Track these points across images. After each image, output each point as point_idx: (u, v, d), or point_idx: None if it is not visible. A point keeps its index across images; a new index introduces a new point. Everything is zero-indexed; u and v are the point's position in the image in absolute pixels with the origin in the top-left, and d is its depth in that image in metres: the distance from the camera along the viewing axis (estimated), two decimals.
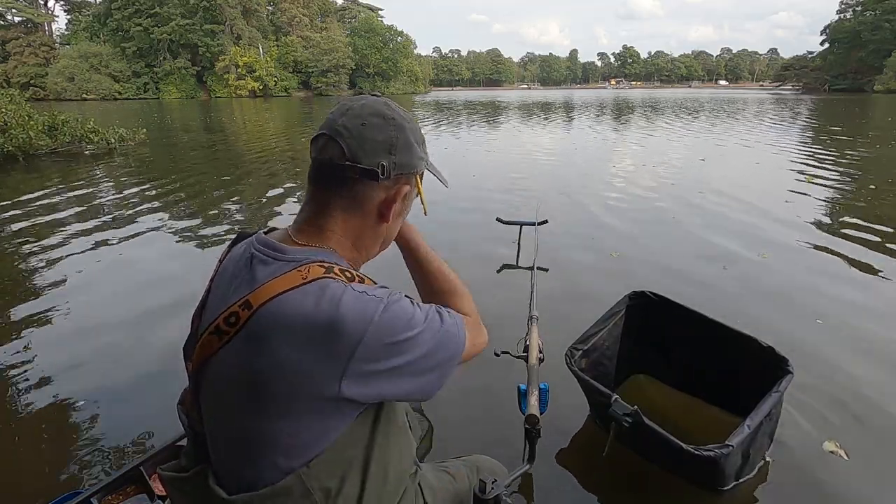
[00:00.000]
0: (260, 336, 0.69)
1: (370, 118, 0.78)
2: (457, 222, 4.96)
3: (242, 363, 0.70)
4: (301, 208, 0.82)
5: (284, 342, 0.67)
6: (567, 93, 74.04)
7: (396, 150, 0.79)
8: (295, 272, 0.71)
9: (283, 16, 66.16)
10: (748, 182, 6.93)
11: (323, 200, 0.80)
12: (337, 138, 0.77)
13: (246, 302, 0.70)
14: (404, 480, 0.86)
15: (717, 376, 1.98)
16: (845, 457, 1.86)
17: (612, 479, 1.78)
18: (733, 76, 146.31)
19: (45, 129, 10.21)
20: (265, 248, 0.76)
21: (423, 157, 0.85)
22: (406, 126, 0.81)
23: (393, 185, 0.81)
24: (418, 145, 0.83)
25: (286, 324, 0.68)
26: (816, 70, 62.84)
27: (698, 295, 3.17)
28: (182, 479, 0.79)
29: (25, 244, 4.63)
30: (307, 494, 0.72)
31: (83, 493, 1.50)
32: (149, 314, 3.13)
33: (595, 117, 20.70)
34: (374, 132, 0.78)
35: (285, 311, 0.68)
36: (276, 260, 0.74)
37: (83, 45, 57.09)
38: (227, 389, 0.73)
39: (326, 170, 0.79)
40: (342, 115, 0.79)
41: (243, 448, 0.73)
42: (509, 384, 1.68)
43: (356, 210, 0.80)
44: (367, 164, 0.77)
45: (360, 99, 0.81)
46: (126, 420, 2.14)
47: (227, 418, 0.75)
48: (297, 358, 0.67)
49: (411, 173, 0.83)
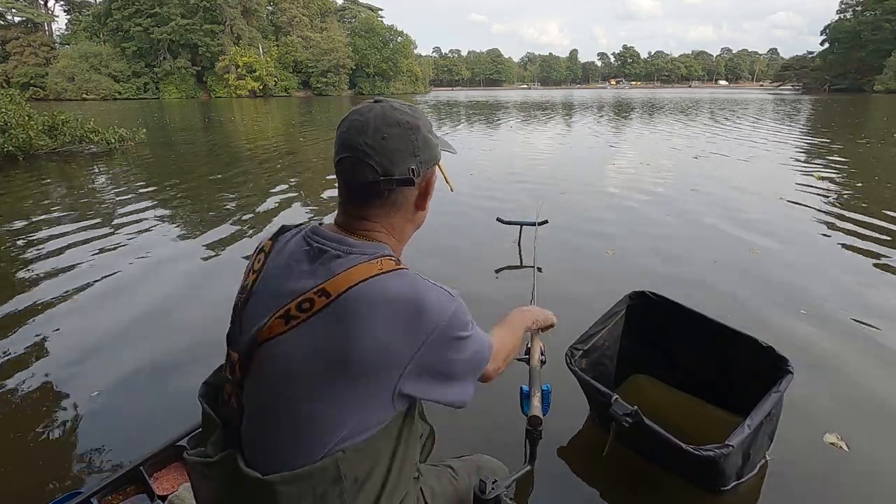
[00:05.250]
0: (345, 317, 0.74)
1: (389, 130, 0.81)
2: (456, 222, 4.96)
3: (323, 343, 0.75)
4: (342, 211, 0.87)
5: (368, 322, 0.74)
6: (567, 93, 74.04)
7: (420, 150, 0.84)
8: (370, 264, 0.78)
9: (283, 16, 66.13)
10: (743, 180, 6.94)
11: (365, 211, 0.85)
12: (366, 160, 0.80)
13: (322, 290, 0.76)
14: (409, 483, 0.89)
15: (717, 376, 1.98)
16: (846, 448, 1.87)
17: (612, 479, 1.78)
18: (733, 76, 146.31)
19: (45, 129, 10.22)
20: (333, 243, 0.81)
21: (437, 144, 0.89)
22: (420, 124, 0.84)
23: (423, 180, 0.87)
24: (433, 135, 0.88)
25: (373, 305, 0.74)
26: (816, 70, 62.80)
27: (693, 291, 3.17)
28: (209, 464, 0.81)
29: (25, 244, 4.63)
30: (338, 480, 0.76)
31: (83, 493, 1.50)
32: (148, 314, 3.13)
33: (595, 117, 20.71)
34: (397, 143, 0.81)
35: (371, 294, 0.75)
36: (349, 253, 0.80)
37: (83, 45, 57.03)
38: (296, 368, 0.76)
39: (363, 189, 0.83)
40: (360, 133, 0.80)
41: (292, 427, 0.76)
42: (510, 385, 1.68)
43: (398, 210, 0.86)
44: (399, 175, 0.82)
45: (368, 109, 0.83)
46: (126, 420, 2.14)
47: (284, 397, 0.77)
48: (379, 337, 0.74)
49: (434, 163, 0.89)
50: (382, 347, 0.74)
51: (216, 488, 0.83)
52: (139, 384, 2.39)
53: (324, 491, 0.75)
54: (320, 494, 0.75)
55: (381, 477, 0.80)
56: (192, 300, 3.36)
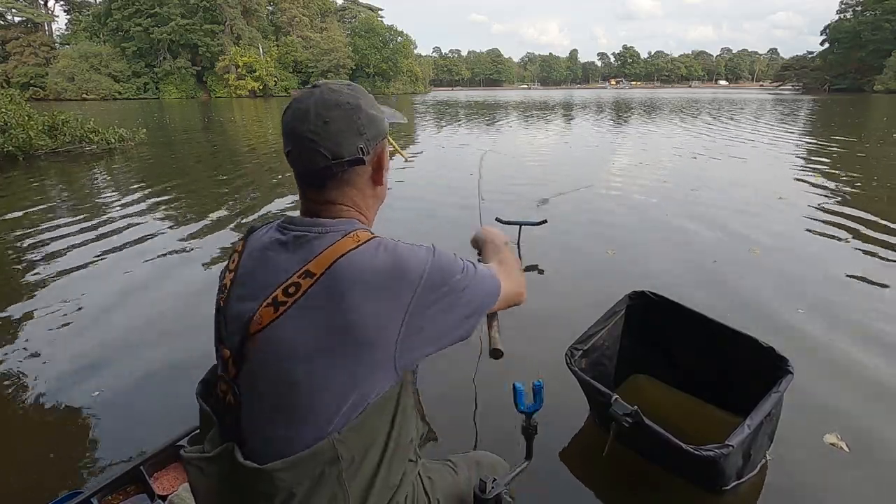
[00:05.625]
0: (333, 293, 0.76)
1: (330, 113, 0.81)
2: (456, 222, 4.96)
3: (316, 322, 0.76)
4: (303, 200, 0.88)
5: (358, 292, 0.75)
6: (567, 93, 74.07)
7: (364, 128, 0.84)
8: (347, 239, 0.80)
9: (283, 16, 66.14)
10: (743, 180, 6.94)
11: (325, 195, 0.86)
12: (313, 147, 0.81)
13: (305, 272, 0.78)
14: (406, 464, 0.89)
15: (717, 376, 1.98)
16: (846, 448, 1.87)
17: (612, 478, 1.78)
18: (733, 76, 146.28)
19: (45, 129, 10.22)
20: (306, 227, 0.83)
21: (383, 117, 0.89)
22: (360, 102, 0.84)
23: (374, 156, 0.87)
24: (377, 111, 0.88)
25: (357, 276, 0.76)
26: (816, 70, 62.81)
27: (693, 290, 3.18)
28: (207, 459, 0.82)
29: (25, 244, 4.63)
30: (334, 461, 0.77)
31: (83, 493, 1.50)
32: (148, 315, 3.13)
33: (594, 117, 20.71)
34: (340, 125, 0.82)
35: (354, 266, 0.77)
36: (325, 233, 0.82)
37: (83, 45, 57.05)
38: (292, 352, 0.77)
39: (317, 175, 0.84)
40: (303, 121, 0.81)
41: (291, 414, 0.77)
42: (507, 383, 1.67)
43: (356, 189, 0.87)
44: (349, 156, 0.83)
45: (308, 96, 0.83)
46: (126, 420, 2.14)
47: (282, 383, 0.78)
48: (371, 304, 0.75)
49: (383, 138, 0.89)
50: (375, 313, 0.76)
51: (215, 482, 0.83)
52: (140, 384, 2.39)
53: (321, 472, 0.76)
54: (318, 475, 0.76)
55: (378, 455, 0.81)
56: (192, 300, 3.35)
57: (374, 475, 0.81)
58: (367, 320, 0.75)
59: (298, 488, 0.76)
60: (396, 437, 0.84)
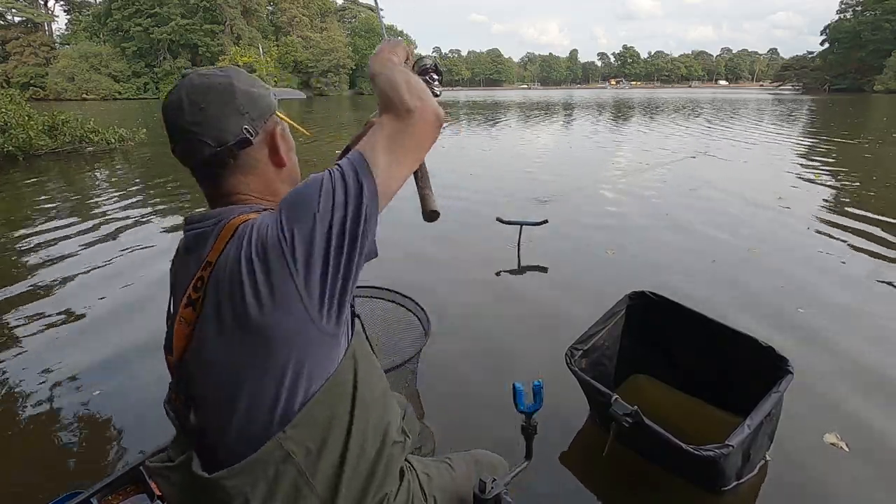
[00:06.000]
0: (229, 272, 0.72)
1: (204, 98, 0.77)
2: (455, 222, 4.96)
3: (225, 309, 0.72)
4: (205, 195, 0.85)
5: (247, 256, 0.70)
6: (567, 93, 74.08)
7: (245, 107, 0.79)
8: (241, 216, 0.77)
9: (283, 16, 66.12)
10: (742, 180, 6.95)
11: (222, 186, 0.82)
12: (195, 138, 0.78)
13: (206, 263, 0.75)
14: (388, 447, 0.85)
15: (717, 376, 1.98)
16: (846, 448, 1.87)
17: (612, 478, 1.78)
18: (733, 76, 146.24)
19: (45, 129, 10.21)
20: (204, 221, 0.80)
21: (267, 94, 0.84)
22: (233, 81, 0.80)
23: (265, 135, 0.83)
24: (258, 88, 0.83)
25: (235, 263, 0.71)
26: (816, 70, 62.82)
27: (692, 290, 3.17)
28: (169, 468, 0.81)
29: (26, 244, 4.63)
30: (287, 459, 0.73)
31: (83, 493, 1.50)
32: (149, 315, 3.13)
33: (594, 117, 20.70)
34: (217, 108, 0.78)
35: (230, 256, 0.72)
36: (220, 220, 0.78)
37: (83, 45, 57.03)
38: (212, 352, 0.74)
39: (207, 166, 0.80)
40: (178, 112, 0.78)
41: (227, 416, 0.74)
42: (507, 383, 1.68)
43: (255, 174, 0.83)
44: (234, 138, 0.78)
45: (179, 88, 0.80)
46: (126, 420, 2.14)
47: (209, 387, 0.76)
48: (258, 277, 0.70)
49: (270, 114, 0.84)
50: (267, 282, 0.69)
51: (178, 492, 0.81)
52: (140, 384, 2.39)
53: (275, 472, 0.73)
54: (273, 476, 0.73)
55: (340, 442, 0.77)
56: None
57: (341, 463, 0.77)
58: (266, 287, 0.69)
59: (255, 492, 0.74)
60: (364, 421, 0.79)
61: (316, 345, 0.73)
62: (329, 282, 0.71)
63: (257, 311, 0.70)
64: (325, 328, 0.73)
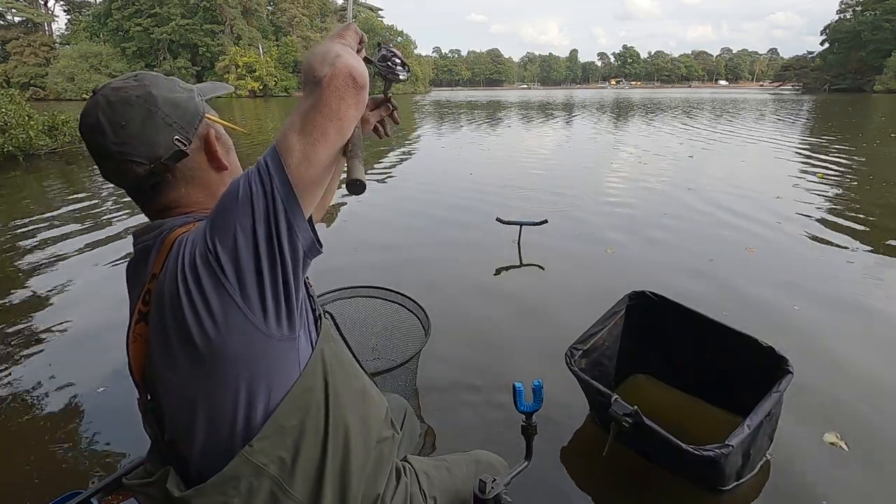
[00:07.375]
0: (170, 284, 0.68)
1: (123, 115, 0.72)
2: (455, 222, 4.96)
3: (170, 321, 0.68)
4: (146, 214, 0.81)
5: (181, 291, 0.66)
6: (567, 93, 74.09)
7: (170, 117, 0.74)
8: (184, 227, 0.74)
9: (283, 16, 66.12)
10: (740, 180, 6.94)
11: (163, 202, 0.78)
12: (124, 159, 0.73)
13: (152, 276, 0.72)
14: (374, 443, 0.83)
15: (717, 376, 1.98)
16: (846, 448, 1.87)
17: (612, 479, 1.78)
18: (733, 76, 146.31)
19: (45, 129, 10.22)
20: (149, 234, 0.77)
21: (192, 96, 0.79)
22: (151, 90, 0.74)
23: (200, 142, 0.78)
24: (180, 92, 0.77)
25: (172, 281, 0.67)
26: (816, 70, 62.79)
27: (690, 289, 3.18)
28: (147, 483, 0.78)
29: (26, 244, 4.63)
30: (259, 471, 0.70)
31: (83, 493, 1.50)
32: None
33: (594, 117, 20.71)
34: (140, 124, 0.72)
35: (168, 271, 0.69)
36: (156, 238, 0.75)
37: (83, 45, 57.01)
38: (166, 367, 0.71)
39: (142, 185, 0.76)
40: (99, 135, 0.73)
41: (191, 433, 0.72)
42: (507, 383, 1.68)
43: (196, 184, 0.79)
44: (167, 152, 0.74)
45: (93, 108, 0.74)
46: (127, 420, 2.13)
47: (173, 405, 0.73)
48: (195, 296, 0.66)
49: (200, 119, 0.79)
50: (203, 291, 0.66)
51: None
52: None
53: (249, 485, 0.71)
54: (247, 491, 0.71)
55: (317, 448, 0.74)
56: None
57: (321, 468, 0.74)
58: (203, 314, 0.65)
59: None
60: (340, 420, 0.76)
61: (269, 355, 0.69)
62: (268, 289, 0.67)
63: (198, 329, 0.66)
64: (277, 334, 0.69)
